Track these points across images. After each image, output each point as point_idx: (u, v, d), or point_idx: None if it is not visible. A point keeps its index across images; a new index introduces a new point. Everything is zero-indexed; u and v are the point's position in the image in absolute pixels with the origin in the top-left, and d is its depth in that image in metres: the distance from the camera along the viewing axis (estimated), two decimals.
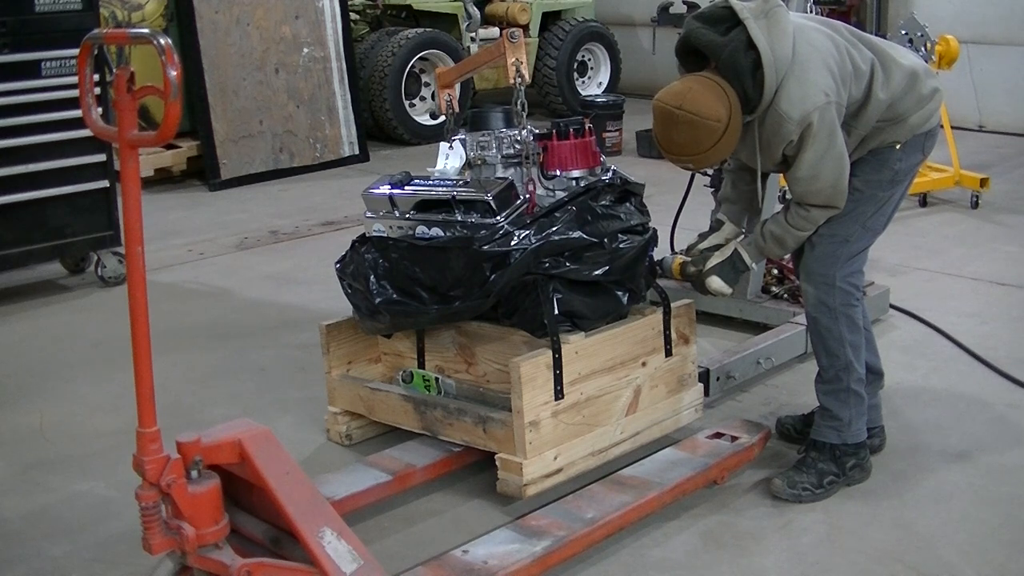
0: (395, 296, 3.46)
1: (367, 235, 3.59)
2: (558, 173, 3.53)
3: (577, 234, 3.30)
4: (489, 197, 3.34)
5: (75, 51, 2.66)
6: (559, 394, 3.24)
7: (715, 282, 3.52)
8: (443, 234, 3.38)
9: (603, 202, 3.41)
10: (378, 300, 3.47)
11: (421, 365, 3.78)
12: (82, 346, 4.94)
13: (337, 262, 3.66)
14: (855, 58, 3.29)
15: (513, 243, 3.26)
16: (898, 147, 3.39)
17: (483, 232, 3.29)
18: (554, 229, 3.29)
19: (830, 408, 3.49)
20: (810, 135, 3.17)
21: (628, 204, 3.51)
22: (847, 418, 3.47)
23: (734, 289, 3.59)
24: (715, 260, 3.53)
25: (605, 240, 3.34)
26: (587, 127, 3.59)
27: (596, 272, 3.31)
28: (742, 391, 4.22)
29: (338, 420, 3.80)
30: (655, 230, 3.57)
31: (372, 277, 3.49)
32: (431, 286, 3.40)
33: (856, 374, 3.47)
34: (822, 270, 3.42)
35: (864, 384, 3.52)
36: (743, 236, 3.63)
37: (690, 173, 4.88)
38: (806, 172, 3.24)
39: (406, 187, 3.56)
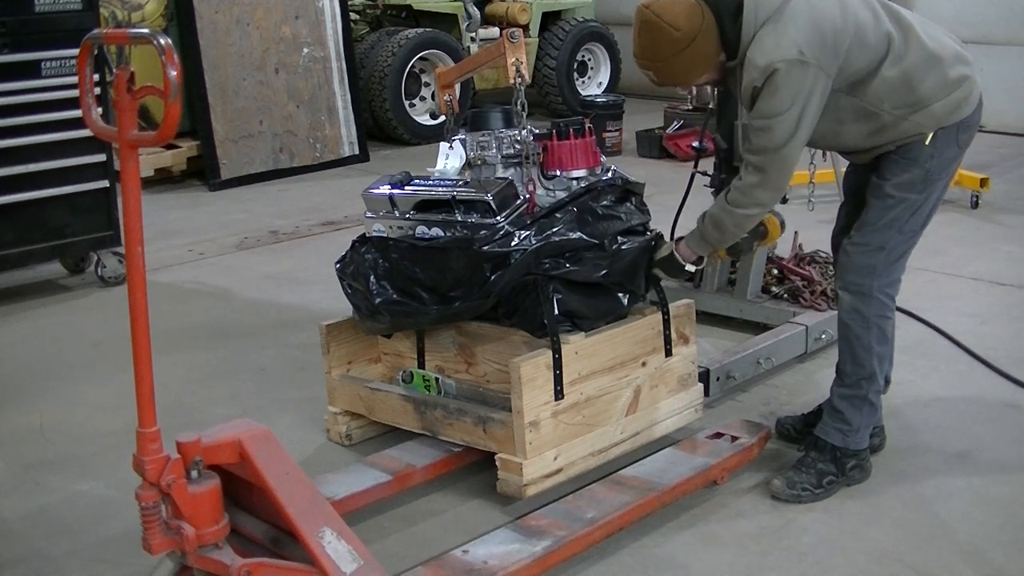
0: (395, 296, 3.46)
1: (367, 235, 3.59)
2: (558, 173, 3.53)
3: (577, 235, 3.30)
4: (489, 197, 3.34)
5: (75, 51, 2.66)
6: (559, 394, 3.24)
7: (659, 274, 3.49)
8: (443, 234, 3.38)
9: (604, 202, 3.41)
10: (378, 300, 3.47)
11: (421, 365, 3.78)
12: (82, 346, 4.94)
13: (337, 262, 3.66)
14: (865, 29, 3.18)
15: (513, 244, 3.26)
16: (927, 141, 3.26)
17: (483, 233, 3.29)
18: (554, 230, 3.29)
19: (842, 412, 3.47)
20: (772, 85, 3.07)
21: (628, 204, 3.51)
22: (856, 424, 3.46)
23: (681, 277, 3.58)
24: (662, 253, 3.48)
25: (606, 241, 3.34)
26: (587, 127, 3.59)
27: (597, 273, 3.31)
28: (742, 391, 4.22)
29: (338, 420, 3.80)
30: (660, 234, 3.56)
31: (372, 277, 3.49)
32: (431, 286, 3.40)
33: (876, 385, 3.46)
34: (858, 280, 3.37)
35: (880, 395, 3.52)
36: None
37: (691, 174, 4.89)
38: (760, 122, 3.13)
39: (406, 187, 3.56)
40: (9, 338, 5.08)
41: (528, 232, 3.28)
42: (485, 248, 3.26)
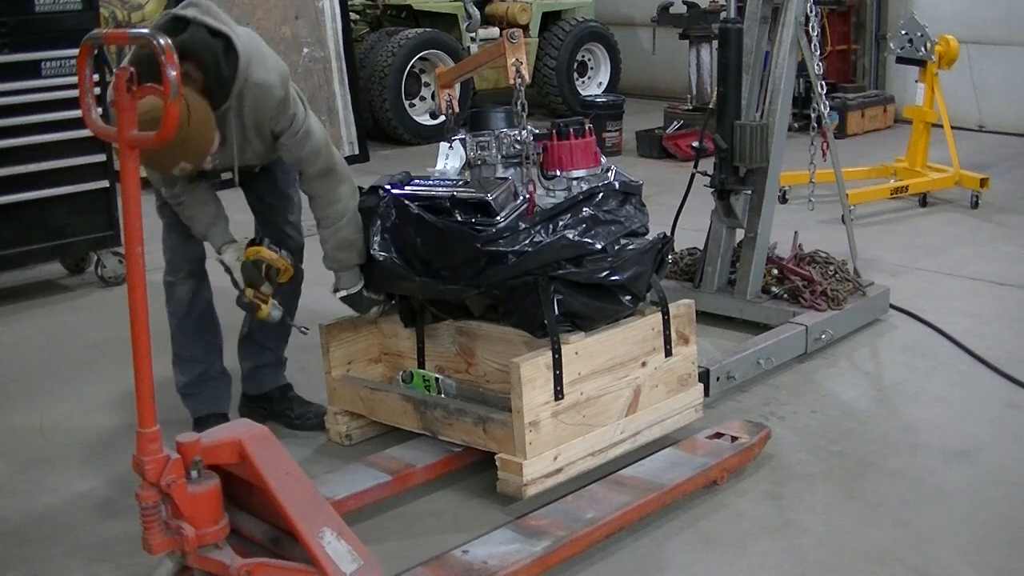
0: (392, 254, 3.44)
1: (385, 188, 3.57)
2: (558, 173, 3.53)
3: (579, 240, 3.29)
4: (489, 197, 3.34)
5: (75, 51, 2.66)
6: (559, 394, 3.24)
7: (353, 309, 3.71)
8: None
9: (605, 208, 3.41)
10: (373, 249, 3.46)
11: (421, 365, 3.78)
12: (82, 346, 4.94)
13: (364, 193, 3.63)
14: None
15: (514, 244, 3.25)
16: None
17: (487, 228, 3.29)
18: (555, 233, 3.29)
19: None
20: (289, 100, 3.41)
21: (629, 207, 3.51)
22: None
23: (371, 308, 3.72)
24: (351, 291, 3.65)
25: (607, 244, 3.34)
26: (587, 127, 3.59)
27: (598, 275, 3.31)
28: (742, 391, 4.22)
29: (338, 420, 3.80)
30: (671, 239, 3.59)
31: (378, 225, 3.48)
32: (426, 259, 3.39)
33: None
34: None
35: None
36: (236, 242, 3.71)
37: (691, 174, 4.89)
38: (301, 136, 3.44)
39: (406, 187, 3.56)
40: (9, 338, 5.08)
41: (528, 235, 3.28)
42: (486, 245, 3.26)
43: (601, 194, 3.43)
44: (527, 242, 3.27)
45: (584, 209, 3.37)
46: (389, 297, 3.72)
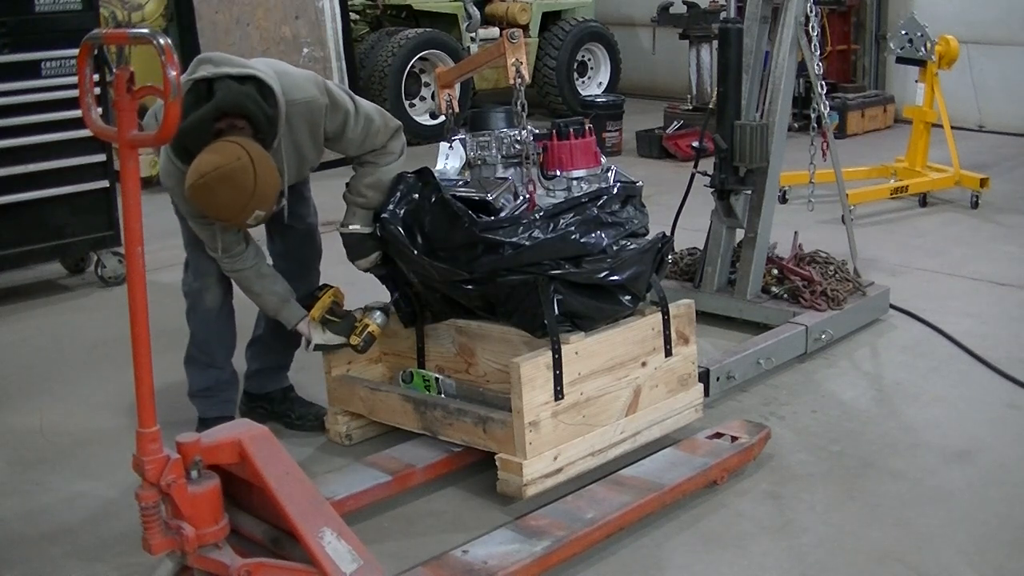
0: (399, 225, 3.44)
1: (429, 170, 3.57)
2: (558, 173, 3.53)
3: (578, 239, 3.29)
4: (490, 197, 3.34)
5: (75, 51, 2.67)
6: (559, 394, 3.24)
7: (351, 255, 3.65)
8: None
9: (607, 210, 3.40)
10: (384, 216, 3.47)
11: (421, 365, 3.78)
12: (82, 346, 4.94)
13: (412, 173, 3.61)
14: None
15: (512, 236, 3.26)
16: None
17: (489, 218, 3.29)
18: (555, 231, 3.29)
19: None
20: (335, 100, 3.44)
21: (630, 208, 3.51)
22: None
23: (369, 255, 3.63)
24: (359, 231, 3.59)
25: (607, 246, 3.34)
26: (587, 127, 3.59)
27: (597, 276, 3.31)
28: (742, 391, 4.22)
29: (338, 420, 3.80)
30: (670, 238, 3.58)
31: (398, 194, 3.48)
32: (428, 236, 3.40)
33: None
34: None
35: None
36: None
37: (691, 174, 4.89)
38: (363, 124, 3.47)
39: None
40: (9, 338, 5.08)
41: (528, 230, 3.28)
42: (484, 232, 3.26)
43: (600, 196, 3.43)
44: (525, 236, 3.27)
45: (587, 210, 3.37)
46: (384, 258, 3.65)
